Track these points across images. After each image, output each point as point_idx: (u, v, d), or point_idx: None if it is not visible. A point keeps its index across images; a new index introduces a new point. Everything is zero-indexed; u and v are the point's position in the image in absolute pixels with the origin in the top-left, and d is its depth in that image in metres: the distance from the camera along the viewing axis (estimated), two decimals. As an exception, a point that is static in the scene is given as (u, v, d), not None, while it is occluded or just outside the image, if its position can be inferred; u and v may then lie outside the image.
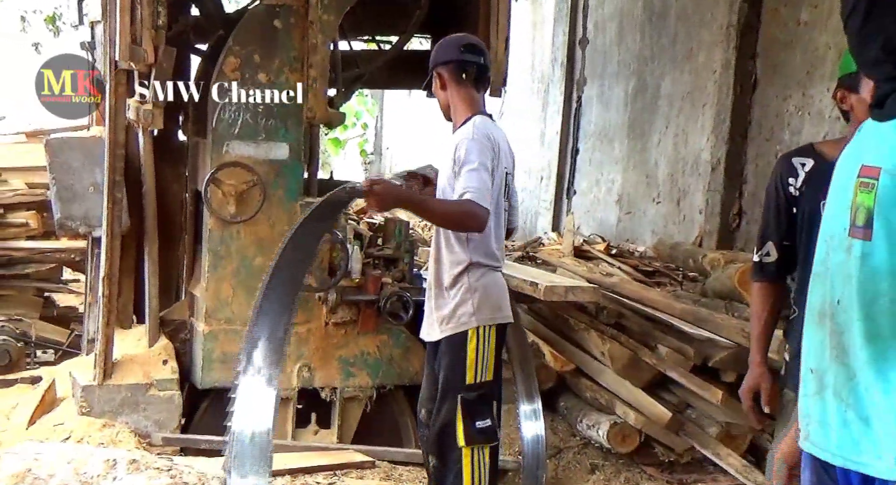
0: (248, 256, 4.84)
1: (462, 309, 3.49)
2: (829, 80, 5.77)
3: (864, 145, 1.84)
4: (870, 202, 1.75)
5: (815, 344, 1.87)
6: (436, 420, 3.50)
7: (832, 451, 1.81)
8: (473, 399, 3.45)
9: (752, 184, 6.61)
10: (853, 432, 1.77)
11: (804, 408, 1.91)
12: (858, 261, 1.77)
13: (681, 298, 5.59)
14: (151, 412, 4.82)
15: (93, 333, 5.34)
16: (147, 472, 3.26)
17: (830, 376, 1.83)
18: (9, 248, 6.84)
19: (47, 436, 4.65)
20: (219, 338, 4.84)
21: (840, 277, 1.81)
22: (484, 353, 3.48)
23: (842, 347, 1.80)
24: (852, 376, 1.78)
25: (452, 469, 3.47)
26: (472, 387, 3.45)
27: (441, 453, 3.50)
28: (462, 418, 3.42)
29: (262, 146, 4.79)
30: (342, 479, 4.58)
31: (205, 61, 5.41)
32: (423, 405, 3.75)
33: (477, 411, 3.45)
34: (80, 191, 5.25)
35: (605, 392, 5.25)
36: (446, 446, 3.48)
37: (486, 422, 3.47)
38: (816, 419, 1.86)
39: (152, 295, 5.08)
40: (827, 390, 1.83)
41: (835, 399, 1.81)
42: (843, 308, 1.80)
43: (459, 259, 3.51)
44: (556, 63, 9.54)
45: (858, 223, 1.78)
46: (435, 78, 3.66)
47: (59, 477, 3.28)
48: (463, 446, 3.43)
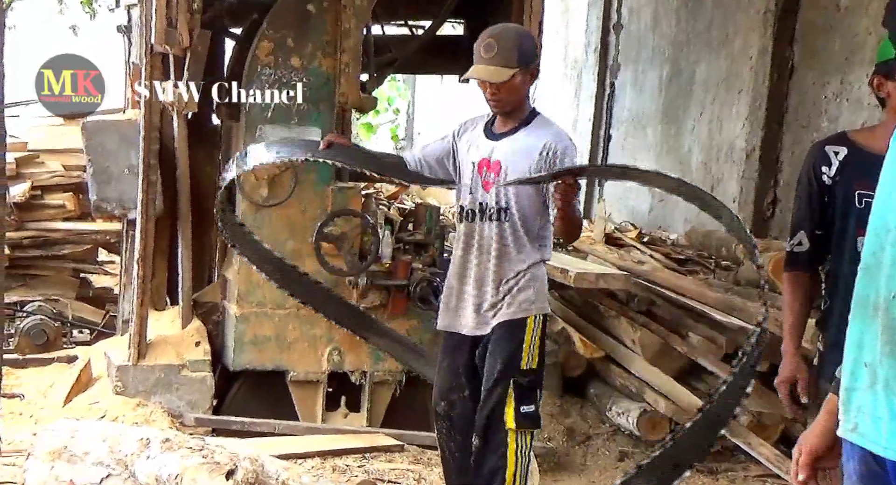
0: (280, 240, 4.86)
1: (523, 296, 3.51)
2: (869, 66, 5.67)
3: None
4: None
5: (868, 337, 1.85)
6: (486, 402, 3.51)
7: (884, 444, 1.80)
8: (525, 384, 3.50)
9: (787, 172, 6.53)
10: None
11: (853, 400, 1.88)
12: None
13: (713, 287, 5.55)
14: (184, 393, 4.87)
15: (127, 313, 5.40)
16: (180, 451, 3.29)
17: (883, 369, 1.80)
18: (46, 229, 6.90)
19: (83, 414, 4.72)
20: (250, 320, 4.87)
21: (893, 269, 1.79)
22: (537, 340, 3.54)
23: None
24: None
25: (497, 451, 3.49)
26: (525, 372, 3.50)
27: (486, 434, 3.51)
28: (513, 401, 3.47)
29: (295, 130, 4.80)
30: (371, 461, 4.61)
31: (239, 45, 5.43)
32: (442, 397, 3.72)
33: (525, 396, 3.50)
34: (115, 173, 5.29)
35: (635, 380, 5.24)
36: (493, 427, 3.50)
37: (532, 408, 3.52)
38: (868, 412, 1.84)
39: (185, 277, 5.12)
40: (878, 384, 1.81)
41: (885, 392, 1.80)
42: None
43: (531, 257, 3.54)
44: (589, 48, 9.47)
45: None
46: (526, 74, 3.48)
47: (95, 454, 3.32)
48: (511, 428, 3.47)
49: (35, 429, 4.35)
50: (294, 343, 4.91)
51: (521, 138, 3.54)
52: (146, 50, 4.88)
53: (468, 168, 3.61)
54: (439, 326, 3.75)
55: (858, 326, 1.88)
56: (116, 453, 3.31)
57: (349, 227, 4.82)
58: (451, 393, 3.70)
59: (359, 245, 4.83)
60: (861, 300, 1.88)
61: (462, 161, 3.64)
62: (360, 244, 4.83)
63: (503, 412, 3.48)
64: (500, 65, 3.42)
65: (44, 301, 6.60)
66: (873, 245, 1.87)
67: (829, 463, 2.05)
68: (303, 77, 4.78)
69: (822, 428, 2.04)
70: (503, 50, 3.42)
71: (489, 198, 3.54)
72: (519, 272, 3.52)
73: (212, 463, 3.23)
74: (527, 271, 3.53)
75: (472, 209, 3.57)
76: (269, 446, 4.39)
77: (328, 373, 4.90)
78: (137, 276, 4.93)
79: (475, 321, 3.58)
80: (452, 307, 3.66)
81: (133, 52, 5.95)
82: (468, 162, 3.61)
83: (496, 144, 3.56)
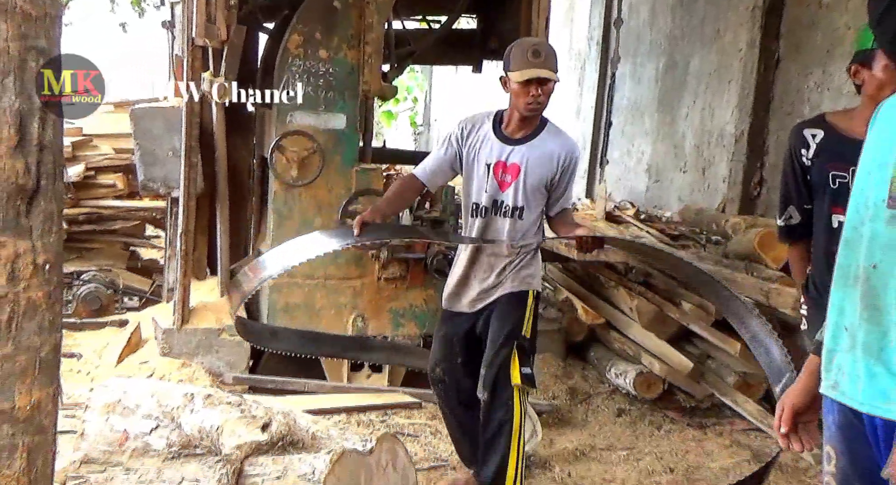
0: (309, 217, 4.86)
1: (525, 272, 3.57)
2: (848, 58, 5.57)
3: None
4: None
5: (849, 304, 1.88)
6: (493, 362, 3.54)
7: (860, 400, 1.85)
8: (525, 347, 3.55)
9: (772, 155, 6.48)
10: (880, 383, 1.80)
11: (834, 361, 1.91)
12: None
13: (704, 259, 5.52)
14: (223, 354, 4.90)
15: (172, 283, 5.42)
16: (220, 406, 3.30)
17: (861, 333, 1.84)
18: (99, 206, 6.93)
19: (133, 372, 4.76)
20: (282, 290, 4.89)
21: (878, 244, 1.81)
22: (532, 312, 3.59)
23: (876, 308, 1.81)
24: (885, 335, 1.80)
25: (503, 405, 3.53)
26: (525, 338, 3.55)
27: (495, 390, 3.54)
28: (517, 361, 3.51)
29: (322, 116, 4.79)
30: (392, 417, 4.63)
31: (272, 38, 5.41)
32: (437, 365, 3.77)
33: (525, 359, 3.54)
34: (160, 156, 5.29)
35: (632, 344, 5.23)
36: (500, 384, 3.53)
37: (529, 370, 3.56)
38: (847, 372, 1.87)
39: (223, 250, 5.14)
40: (857, 347, 1.85)
41: (864, 355, 1.83)
42: (879, 273, 1.81)
43: (533, 242, 3.59)
44: (591, 42, 9.38)
45: None
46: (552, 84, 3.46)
47: (144, 408, 3.34)
48: (516, 384, 3.50)
49: (91, 385, 4.39)
50: (321, 310, 4.92)
51: (539, 146, 3.54)
52: (188, 43, 4.87)
53: (481, 168, 3.57)
54: (443, 304, 3.78)
55: (840, 294, 1.91)
56: (164, 407, 3.33)
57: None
58: (446, 360, 3.74)
59: (381, 221, 4.83)
60: (842, 270, 1.90)
61: (472, 161, 3.60)
62: (382, 221, 4.83)
63: (509, 371, 3.51)
64: (549, 69, 3.42)
65: (98, 271, 6.62)
66: (854, 220, 1.88)
67: (808, 417, 2.07)
68: (329, 67, 4.77)
69: (804, 386, 2.06)
70: (548, 57, 3.44)
71: (506, 197, 3.55)
72: (522, 254, 3.58)
73: (249, 417, 3.25)
74: (528, 253, 3.59)
75: (486, 206, 3.57)
76: (300, 402, 4.43)
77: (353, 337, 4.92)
78: (180, 249, 4.95)
79: (476, 300, 3.63)
80: (456, 291, 3.69)
81: (176, 46, 5.93)
82: (480, 163, 3.57)
83: (513, 148, 3.54)
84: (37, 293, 1.54)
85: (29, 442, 1.55)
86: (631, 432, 4.69)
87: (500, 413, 3.54)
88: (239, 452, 3.14)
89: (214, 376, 4.81)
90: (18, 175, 1.51)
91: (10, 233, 1.52)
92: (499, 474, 3.54)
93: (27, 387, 1.55)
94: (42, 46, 1.51)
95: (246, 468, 3.13)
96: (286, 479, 3.05)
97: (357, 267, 4.92)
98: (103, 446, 3.29)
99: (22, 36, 1.49)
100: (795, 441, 2.08)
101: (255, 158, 5.34)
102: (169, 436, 3.27)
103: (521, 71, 3.41)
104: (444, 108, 13.66)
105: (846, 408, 1.90)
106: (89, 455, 3.28)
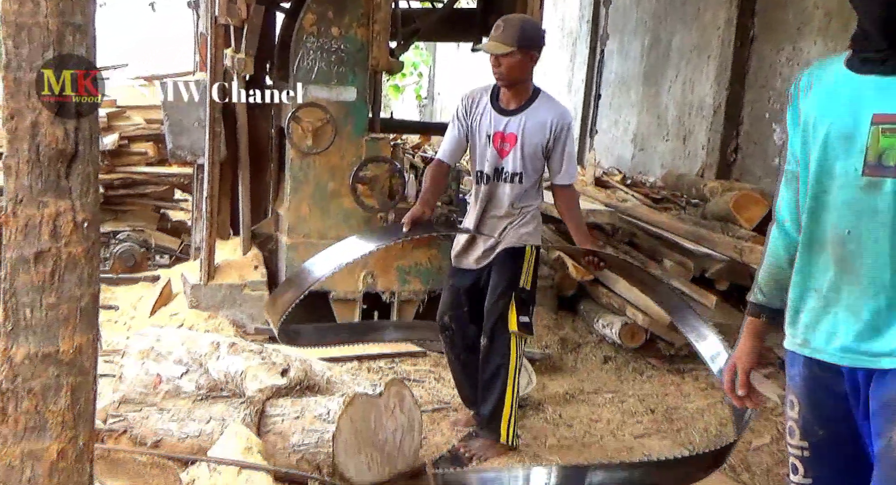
0: (323, 182, 4.85)
1: (523, 230, 3.58)
2: (817, 35, 5.57)
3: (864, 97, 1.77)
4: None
5: (819, 268, 1.86)
6: (492, 311, 3.57)
7: (840, 355, 1.84)
8: (523, 298, 3.56)
9: (747, 124, 6.45)
10: (865, 339, 1.80)
11: (802, 320, 1.90)
12: (891, 196, 1.74)
13: (684, 221, 5.52)
14: (245, 307, 4.92)
15: (199, 242, 5.43)
16: (243, 353, 3.33)
17: (843, 295, 1.83)
18: (132, 172, 6.91)
19: (165, 323, 4.77)
20: (298, 249, 4.89)
21: (846, 210, 1.79)
22: (531, 266, 3.59)
23: (855, 272, 1.80)
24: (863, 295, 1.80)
25: (500, 350, 3.56)
26: (523, 289, 3.56)
27: (493, 336, 3.57)
28: (514, 310, 3.53)
29: (335, 90, 4.76)
30: (399, 364, 4.66)
31: (288, 17, 5.35)
32: (445, 313, 3.79)
33: (523, 309, 3.56)
34: (187, 126, 5.27)
35: (617, 298, 5.25)
36: (498, 330, 3.56)
37: (527, 319, 3.58)
38: (823, 329, 1.86)
39: (245, 213, 5.14)
40: (837, 306, 1.84)
41: (847, 313, 1.82)
42: (853, 238, 1.79)
43: (532, 203, 3.61)
44: (582, 20, 9.28)
45: (888, 163, 1.73)
46: (526, 56, 3.43)
47: (176, 354, 3.38)
48: (514, 331, 3.53)
49: (128, 334, 4.43)
50: (335, 267, 4.93)
51: (532, 115, 3.53)
52: (211, 22, 4.82)
53: (482, 139, 3.59)
54: (452, 261, 3.80)
55: (810, 259, 1.88)
56: (193, 354, 3.36)
57: (380, 171, 4.80)
58: (453, 309, 3.76)
59: (388, 186, 4.83)
60: (812, 238, 1.87)
61: (474, 133, 3.61)
62: (389, 186, 4.83)
63: (507, 319, 3.54)
64: (501, 41, 3.40)
65: (131, 231, 6.63)
66: (815, 189, 1.85)
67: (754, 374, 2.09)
68: (341, 44, 4.73)
69: (752, 347, 2.07)
70: (507, 30, 3.41)
71: (506, 164, 3.56)
72: (522, 214, 3.59)
73: (269, 363, 3.28)
74: (527, 213, 3.60)
75: (488, 174, 3.58)
76: (315, 351, 4.45)
77: (363, 293, 4.93)
78: (206, 211, 4.95)
79: (481, 257, 3.65)
80: (464, 249, 3.71)
81: (200, 24, 5.88)
82: (482, 134, 3.58)
83: (508, 119, 3.54)
84: (76, 249, 1.56)
85: (72, 382, 1.58)
86: (616, 378, 4.73)
87: (497, 359, 3.57)
88: (261, 394, 3.18)
89: (238, 326, 4.83)
90: (58, 141, 1.51)
91: (52, 193, 1.53)
92: (495, 412, 3.59)
93: (70, 333, 1.56)
94: (78, 22, 1.51)
95: (267, 409, 3.17)
96: (304, 419, 3.09)
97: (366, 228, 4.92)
98: (139, 388, 3.33)
99: (60, 12, 1.49)
100: (750, 401, 2.09)
101: (273, 128, 5.31)
102: (198, 380, 3.30)
103: (483, 42, 3.45)
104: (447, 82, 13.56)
105: (812, 361, 1.90)
106: (127, 396, 3.32)
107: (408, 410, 3.27)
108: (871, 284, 1.79)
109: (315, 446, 3.01)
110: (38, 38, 1.49)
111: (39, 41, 1.49)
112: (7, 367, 1.55)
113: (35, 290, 1.54)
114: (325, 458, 3.00)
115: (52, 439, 1.57)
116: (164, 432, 3.22)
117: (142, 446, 3.22)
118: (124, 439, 3.24)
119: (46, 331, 1.55)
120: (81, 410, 1.60)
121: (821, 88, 1.86)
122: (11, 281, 1.55)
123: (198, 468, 2.98)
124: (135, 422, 3.27)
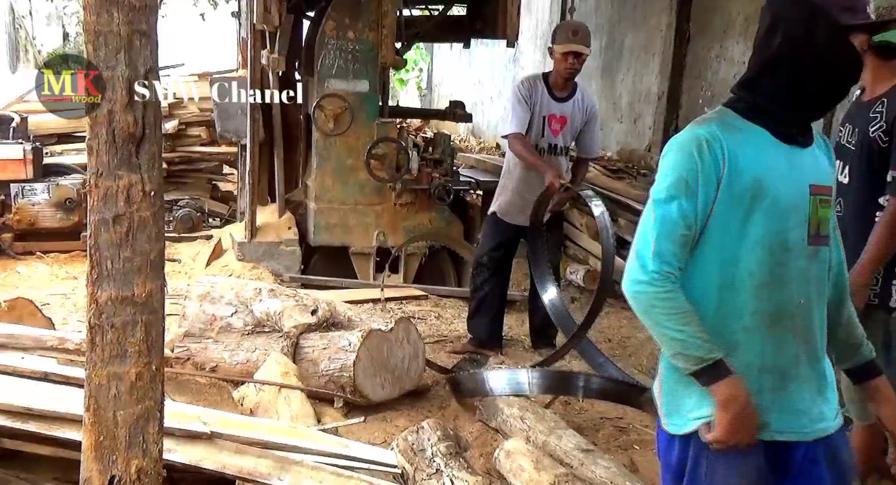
0: (342, 159, 4.84)
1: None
2: (738, 36, 5.52)
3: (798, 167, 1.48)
4: (829, 215, 1.51)
5: (771, 346, 1.47)
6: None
7: (806, 431, 1.49)
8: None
9: (685, 109, 6.42)
10: (821, 408, 1.51)
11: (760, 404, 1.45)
12: (825, 263, 1.52)
13: (635, 187, 5.53)
14: (282, 260, 4.92)
15: (243, 207, 5.43)
16: (280, 297, 3.36)
17: (802, 367, 1.49)
18: (189, 150, 6.89)
19: (218, 273, 4.79)
20: (324, 212, 4.90)
21: (801, 280, 1.47)
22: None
23: (809, 342, 1.49)
24: (818, 362, 1.51)
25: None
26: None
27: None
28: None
29: (351, 82, 4.72)
30: (406, 305, 4.69)
31: (313, 24, 5.28)
32: (486, 253, 3.85)
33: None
34: (233, 113, 5.24)
35: (581, 250, 5.27)
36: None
37: None
38: (789, 409, 1.48)
39: (280, 183, 5.12)
40: (796, 382, 1.47)
41: (803, 387, 1.48)
42: (806, 307, 1.48)
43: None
44: (552, 25, 9.15)
45: (824, 233, 1.50)
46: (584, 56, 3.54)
47: (227, 298, 3.40)
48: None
49: (188, 281, 4.44)
50: (353, 227, 4.93)
51: (576, 101, 3.66)
52: (251, 28, 4.77)
53: (540, 120, 3.63)
54: (501, 215, 3.77)
55: (760, 338, 1.48)
56: (240, 297, 3.38)
57: (389, 149, 4.78)
58: (495, 251, 3.81)
59: (396, 161, 4.81)
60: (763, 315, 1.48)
61: (534, 114, 3.63)
62: (396, 161, 4.81)
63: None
64: (585, 44, 3.52)
65: (189, 199, 6.61)
66: (769, 263, 1.46)
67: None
68: (356, 45, 4.67)
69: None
70: (584, 35, 3.56)
71: (559, 141, 3.67)
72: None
73: (302, 305, 3.31)
74: None
75: (544, 148, 3.65)
76: (339, 295, 4.46)
77: (376, 248, 4.93)
78: (249, 182, 4.94)
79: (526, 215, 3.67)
80: (518, 208, 3.71)
81: (242, 30, 5.80)
82: (539, 115, 3.63)
83: (561, 104, 3.64)
84: (146, 213, 1.56)
85: (146, 319, 1.59)
86: (581, 314, 4.75)
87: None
88: (295, 330, 3.21)
89: (276, 275, 4.84)
90: (129, 125, 1.51)
91: (125, 168, 1.53)
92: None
93: (142, 280, 1.58)
94: (143, 29, 1.50)
95: (301, 341, 3.20)
96: (330, 349, 3.12)
97: (378, 195, 4.91)
98: (199, 325, 3.35)
99: (129, 21, 1.48)
100: None
101: (302, 114, 5.27)
102: (245, 318, 3.33)
103: (563, 45, 3.50)
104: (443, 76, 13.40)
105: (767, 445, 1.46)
106: (189, 331, 3.35)
107: (413, 341, 3.31)
108: (821, 350, 1.53)
109: (339, 370, 3.05)
110: (112, 43, 1.48)
111: (113, 45, 1.48)
112: (94, 307, 1.56)
113: (114, 246, 1.55)
114: (348, 380, 3.04)
115: (131, 364, 1.59)
116: (218, 359, 3.25)
117: (202, 370, 3.25)
118: (188, 365, 3.28)
119: (124, 278, 1.56)
120: (153, 341, 1.62)
121: (751, 155, 1.46)
122: (95, 238, 1.56)
123: (246, 388, 3.03)
124: (195, 351, 3.30)
